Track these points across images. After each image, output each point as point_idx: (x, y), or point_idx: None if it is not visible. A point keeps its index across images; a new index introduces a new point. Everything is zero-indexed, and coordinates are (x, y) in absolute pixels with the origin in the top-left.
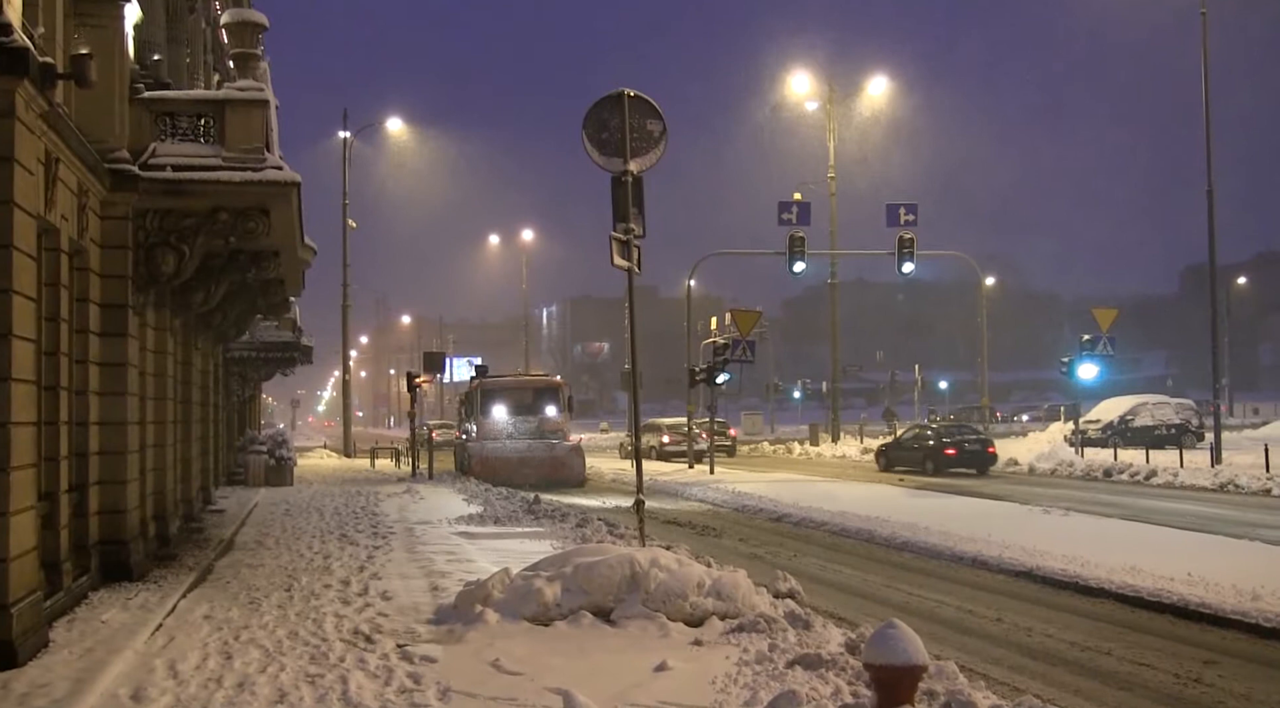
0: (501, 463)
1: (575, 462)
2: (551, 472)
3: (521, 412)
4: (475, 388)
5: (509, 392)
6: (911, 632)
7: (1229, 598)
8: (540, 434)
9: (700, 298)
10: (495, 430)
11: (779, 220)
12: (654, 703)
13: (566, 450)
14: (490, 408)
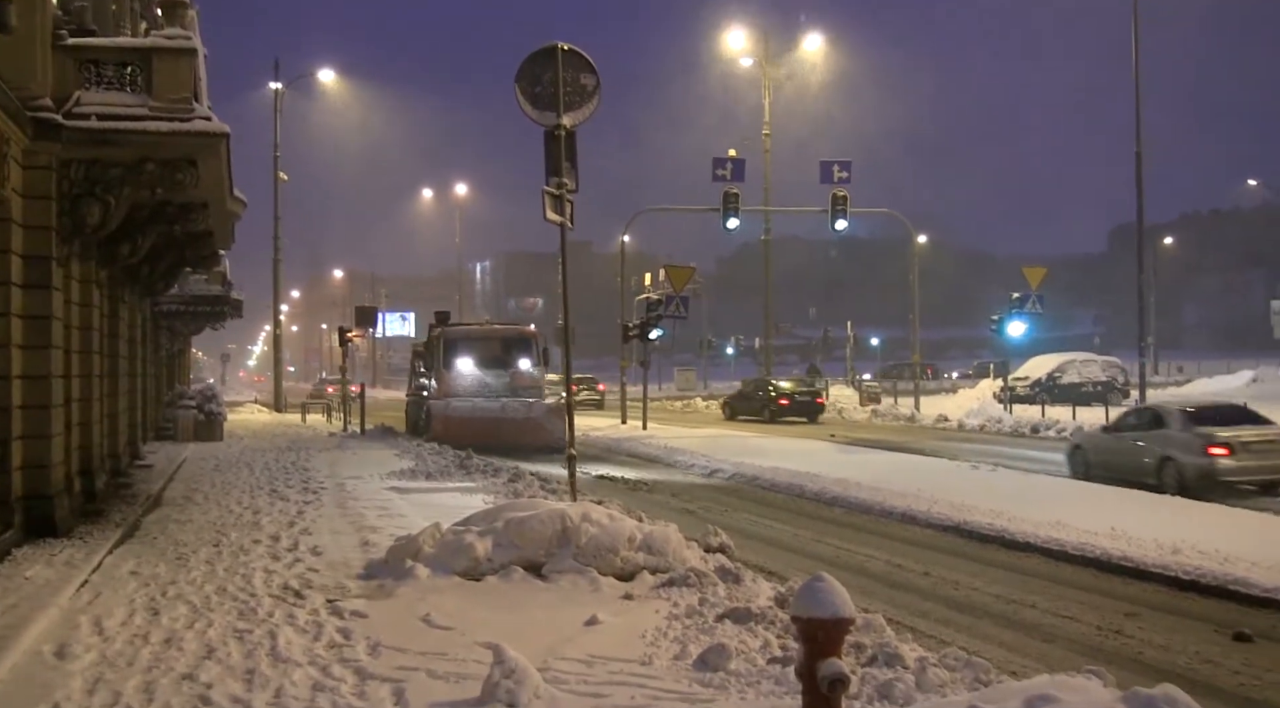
0: (469, 425)
1: (556, 424)
2: (528, 435)
3: (491, 365)
4: (436, 338)
5: (476, 342)
6: (839, 585)
7: (1150, 552)
8: (513, 391)
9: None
10: (461, 387)
11: (713, 177)
12: (584, 657)
13: (545, 411)
14: (454, 361)
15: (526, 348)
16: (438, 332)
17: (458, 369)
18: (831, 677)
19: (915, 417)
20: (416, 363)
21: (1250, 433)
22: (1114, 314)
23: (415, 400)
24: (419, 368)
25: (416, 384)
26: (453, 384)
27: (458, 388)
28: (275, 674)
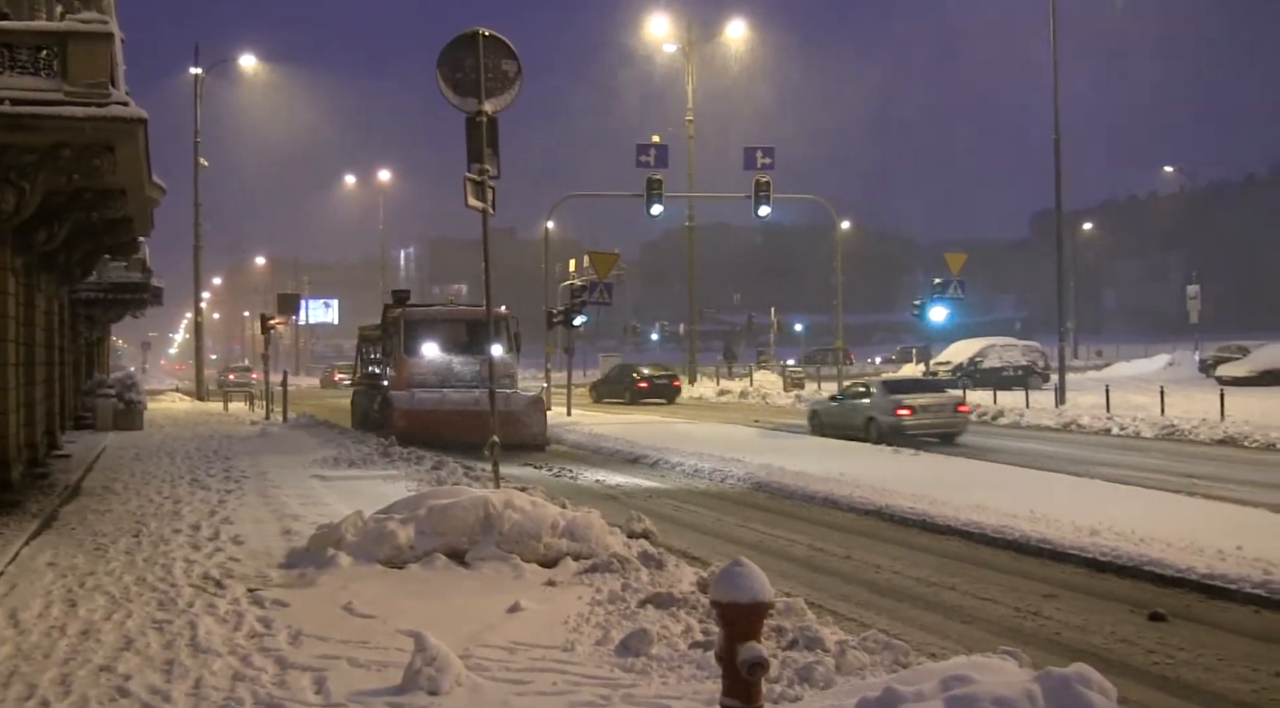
0: (437, 419)
1: (536, 418)
2: (505, 431)
3: (459, 351)
4: (395, 319)
5: (441, 325)
6: (757, 569)
7: (1068, 534)
8: (484, 381)
9: (559, 240)
10: (425, 375)
11: (637, 163)
12: (506, 644)
13: (525, 404)
14: (417, 346)
15: (498, 331)
16: (397, 313)
17: (422, 355)
18: (751, 661)
19: None
20: (366, 348)
21: (926, 399)
22: (1035, 299)
23: (365, 390)
24: (370, 354)
25: (367, 372)
26: (416, 372)
27: (422, 377)
28: (195, 665)
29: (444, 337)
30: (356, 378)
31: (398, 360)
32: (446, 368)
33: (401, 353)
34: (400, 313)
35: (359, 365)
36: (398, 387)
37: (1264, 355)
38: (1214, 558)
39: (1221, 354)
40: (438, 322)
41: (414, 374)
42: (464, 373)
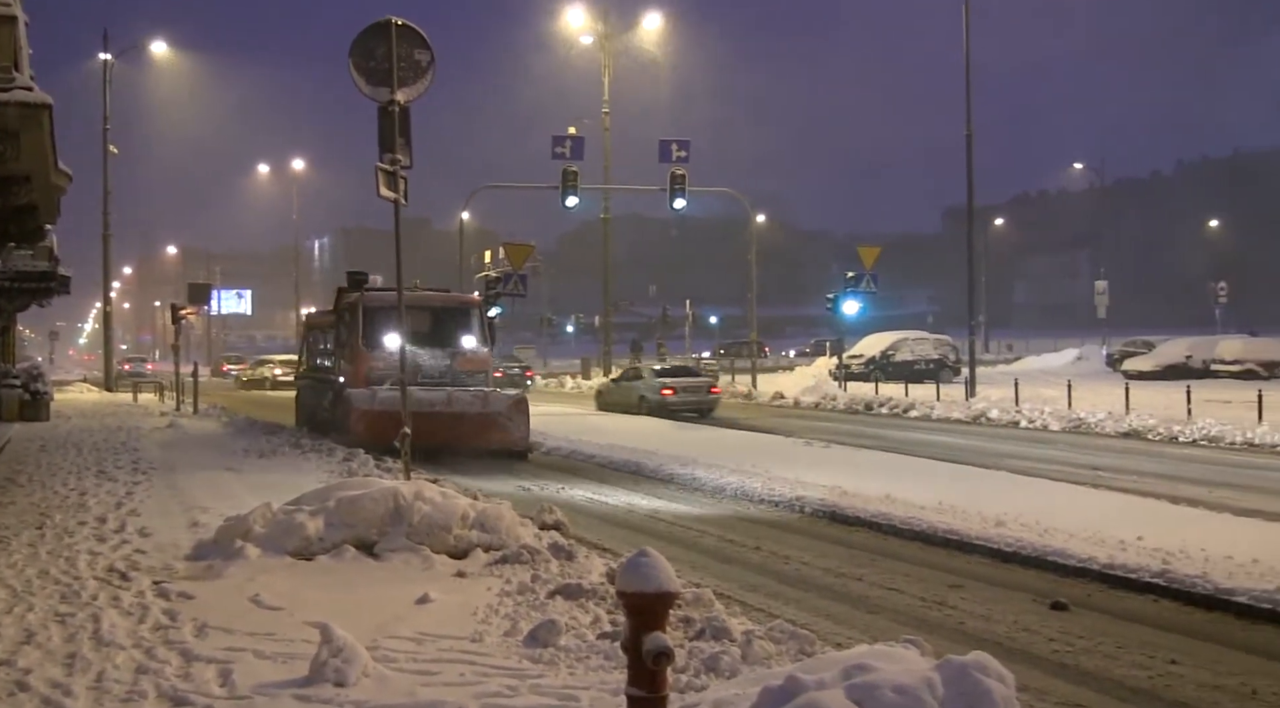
0: (401, 422)
1: (518, 422)
2: (483, 435)
3: (427, 342)
4: (353, 305)
5: (406, 312)
6: (663, 560)
7: (975, 525)
8: (457, 377)
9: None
10: (387, 371)
11: (553, 155)
12: (414, 635)
13: (506, 404)
14: (377, 336)
15: (469, 320)
16: (354, 297)
17: (383, 347)
18: (656, 650)
19: (752, 394)
20: (315, 338)
21: (685, 382)
22: (948, 293)
23: (312, 386)
24: (319, 344)
25: (315, 365)
26: (376, 367)
27: (383, 372)
28: (97, 658)
29: (408, 326)
30: (302, 371)
31: (354, 353)
32: (412, 362)
33: (359, 344)
34: (358, 298)
35: (305, 357)
36: (354, 383)
37: (1168, 350)
38: (1115, 548)
39: (1127, 349)
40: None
41: (374, 369)
42: (432, 368)
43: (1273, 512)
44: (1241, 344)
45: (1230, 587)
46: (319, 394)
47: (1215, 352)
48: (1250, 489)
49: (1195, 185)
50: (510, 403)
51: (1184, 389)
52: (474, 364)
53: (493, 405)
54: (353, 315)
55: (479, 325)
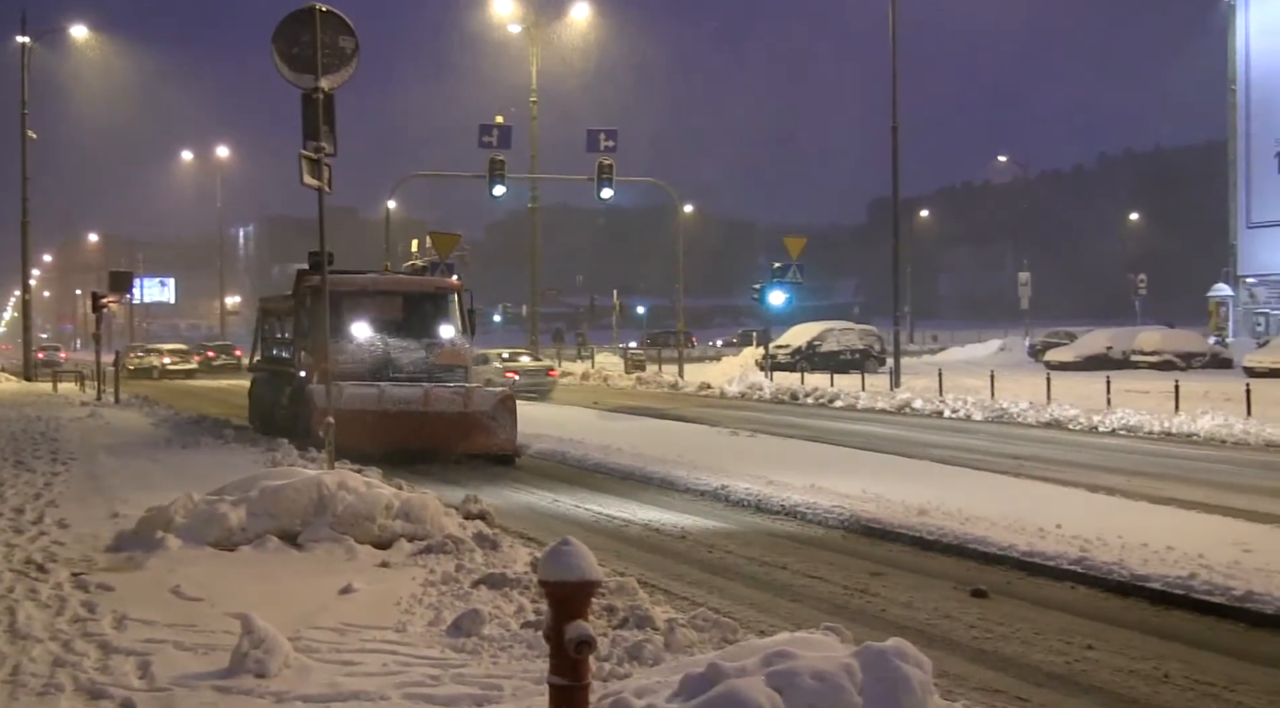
0: (376, 423)
1: (505, 422)
2: (466, 438)
3: (400, 332)
4: (317, 289)
5: (377, 298)
6: (585, 549)
7: (898, 514)
8: (434, 372)
9: (402, 220)
10: (354, 364)
11: (480, 143)
12: (337, 625)
13: (491, 403)
14: (346, 325)
15: (448, 308)
16: (316, 280)
17: (350, 337)
18: (578, 639)
19: (679, 384)
20: (270, 325)
21: (526, 365)
22: (873, 284)
23: (268, 379)
24: (276, 333)
25: (270, 356)
26: (345, 360)
27: (350, 366)
28: (13, 651)
29: (378, 314)
30: (256, 362)
31: (316, 344)
32: (384, 355)
33: (323, 334)
34: (319, 283)
35: (259, 347)
36: (317, 379)
37: (1089, 341)
38: (1035, 536)
39: (1050, 340)
40: (371, 294)
41: (340, 363)
42: (406, 361)
43: (1188, 500)
44: (1160, 336)
45: (1145, 574)
46: (276, 389)
47: (1135, 343)
48: (1166, 478)
49: (1117, 179)
50: (495, 401)
51: (1104, 380)
52: (453, 357)
53: (476, 404)
54: (315, 301)
55: (458, 314)
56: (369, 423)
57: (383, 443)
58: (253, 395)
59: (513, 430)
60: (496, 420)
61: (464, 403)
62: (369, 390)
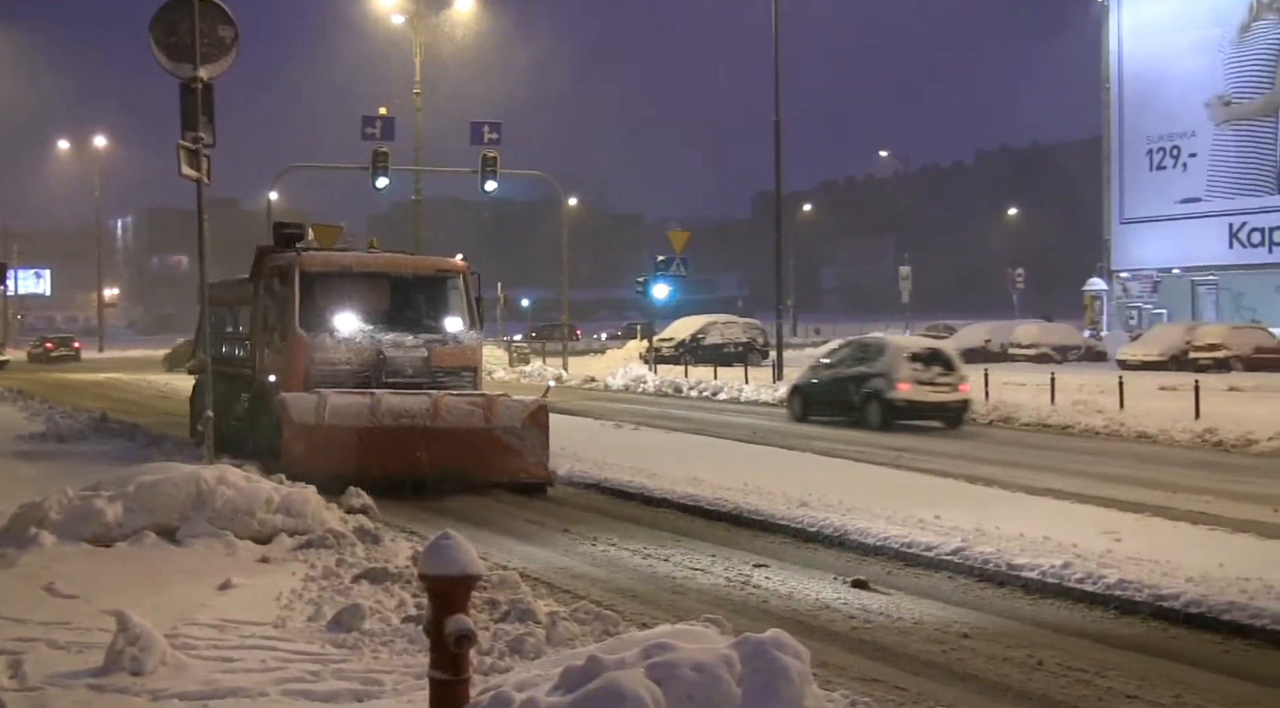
0: (366, 441)
1: (534, 441)
2: (484, 461)
3: (393, 324)
4: (286, 270)
5: (362, 282)
6: (466, 542)
7: (780, 505)
8: (435, 375)
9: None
10: (338, 366)
11: (363, 135)
12: (216, 621)
13: (520, 416)
14: (322, 315)
15: (451, 294)
16: (286, 259)
17: (331, 330)
18: (458, 633)
19: (563, 377)
20: (218, 316)
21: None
22: (757, 278)
23: (217, 383)
24: (226, 325)
25: (220, 355)
26: (321, 359)
27: (332, 367)
28: None
29: (365, 301)
30: (198, 362)
31: (288, 338)
32: (372, 353)
33: (294, 326)
34: (293, 260)
35: (201, 341)
36: (289, 383)
37: (968, 335)
38: (914, 527)
39: (929, 333)
40: (356, 277)
41: (317, 363)
42: (402, 362)
43: (1063, 490)
44: (1037, 329)
45: (1021, 563)
46: (229, 396)
47: (1013, 336)
48: (1043, 469)
49: (995, 175)
50: (525, 414)
51: (983, 372)
52: (460, 357)
53: (501, 418)
54: (285, 284)
55: (465, 302)
56: (359, 442)
57: (377, 468)
58: (195, 403)
59: (544, 451)
60: (524, 439)
61: (485, 416)
62: (359, 400)
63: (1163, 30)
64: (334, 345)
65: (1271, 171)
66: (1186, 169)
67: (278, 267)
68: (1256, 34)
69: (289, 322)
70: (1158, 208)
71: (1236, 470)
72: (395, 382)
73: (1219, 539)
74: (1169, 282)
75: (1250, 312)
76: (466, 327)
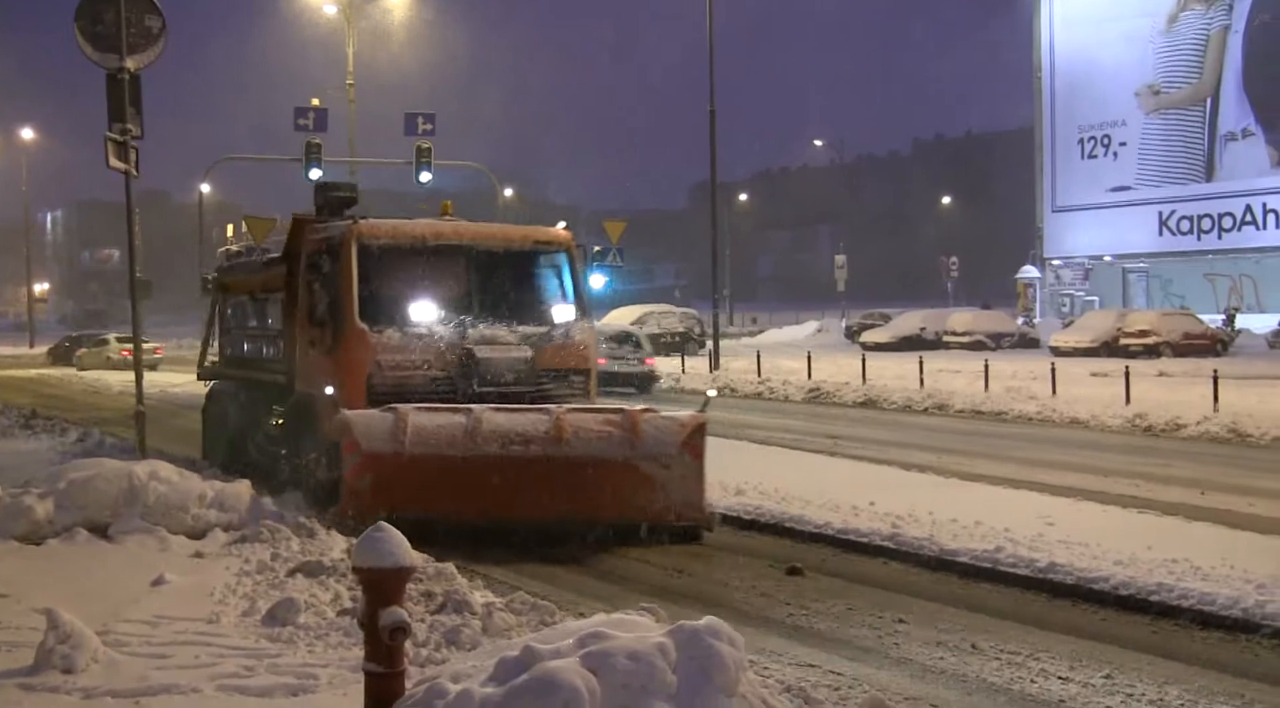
0: (463, 474)
1: (688, 469)
2: (623, 499)
3: (481, 314)
4: (341, 243)
5: (441, 260)
6: (399, 535)
7: (716, 494)
8: (538, 381)
9: (219, 203)
10: (412, 373)
11: (295, 126)
12: (149, 618)
13: (675, 438)
14: (393, 304)
15: (551, 276)
16: (334, 232)
17: (405, 324)
18: (392, 625)
19: None
20: (235, 309)
21: None
22: (694, 268)
23: (238, 393)
24: (248, 320)
25: (242, 356)
26: (390, 364)
27: (404, 374)
28: None
29: (443, 284)
30: (213, 366)
31: (344, 335)
32: (458, 353)
33: (353, 319)
34: (349, 230)
35: (219, 342)
36: (347, 395)
37: (903, 323)
38: (849, 514)
39: (865, 321)
40: (429, 252)
41: (385, 367)
42: (499, 364)
43: (996, 476)
44: (971, 316)
45: (954, 548)
46: (251, 410)
47: (947, 324)
48: (976, 455)
49: (930, 164)
50: (683, 435)
51: (918, 360)
52: (571, 356)
53: (650, 443)
54: (338, 263)
55: (573, 284)
56: (454, 478)
57: (474, 512)
58: (210, 416)
59: (699, 484)
60: (671, 468)
61: (629, 440)
62: (453, 419)
63: (1093, 20)
64: (406, 343)
65: (1200, 160)
66: (1117, 158)
67: (326, 240)
68: (1184, 24)
69: (344, 312)
70: (1089, 196)
71: (1165, 455)
72: (490, 391)
73: (1148, 522)
74: (1100, 269)
75: (1179, 298)
76: (578, 316)
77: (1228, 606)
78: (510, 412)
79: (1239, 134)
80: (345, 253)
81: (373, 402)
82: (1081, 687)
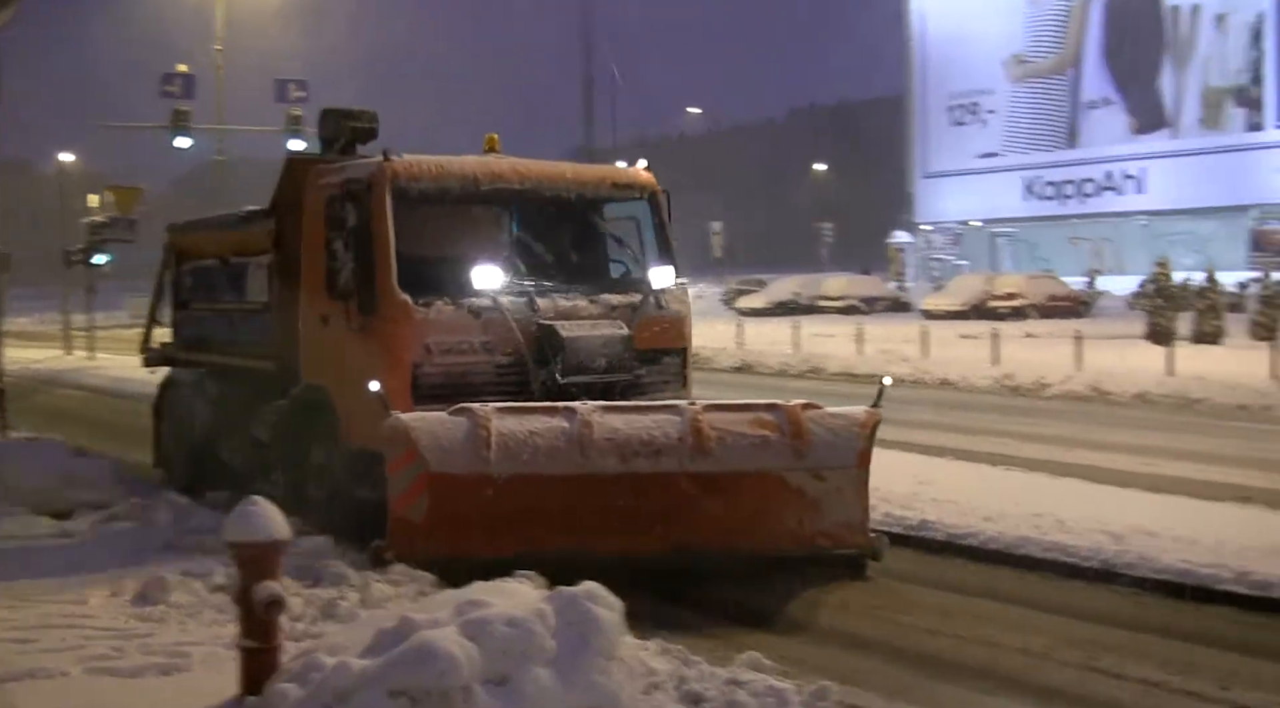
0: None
1: (843, 485)
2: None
3: (555, 279)
4: (370, 189)
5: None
6: (273, 507)
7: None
8: (632, 368)
9: (82, 173)
10: (474, 358)
11: (161, 93)
12: (10, 601)
13: (849, 442)
14: (442, 268)
15: (633, 227)
16: (360, 172)
17: (461, 293)
18: (266, 599)
19: None
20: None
21: None
22: None
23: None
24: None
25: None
26: (442, 346)
27: (464, 360)
28: None
29: (503, 240)
30: (162, 348)
31: (382, 309)
32: (532, 331)
33: (392, 287)
34: (380, 170)
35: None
36: (391, 390)
37: (778, 288)
38: None
39: (741, 287)
40: (483, 197)
41: (437, 352)
42: (589, 345)
43: None
44: (845, 281)
45: None
46: (229, 403)
47: (821, 289)
48: None
49: (804, 131)
50: (864, 436)
51: (792, 325)
52: (670, 333)
53: (822, 451)
54: (366, 214)
55: (655, 238)
56: (553, 502)
57: (575, 546)
58: (166, 414)
59: (863, 498)
60: (828, 481)
61: (793, 447)
62: (552, 423)
63: None
64: (461, 320)
65: (1064, 127)
66: (986, 125)
67: (347, 184)
68: None
69: (378, 280)
70: (958, 163)
71: (1031, 413)
72: (577, 382)
73: (1015, 479)
74: (969, 234)
75: (1044, 262)
76: (671, 280)
77: (1088, 557)
78: (625, 412)
79: (1100, 102)
80: (377, 201)
81: (420, 399)
82: (951, 639)
